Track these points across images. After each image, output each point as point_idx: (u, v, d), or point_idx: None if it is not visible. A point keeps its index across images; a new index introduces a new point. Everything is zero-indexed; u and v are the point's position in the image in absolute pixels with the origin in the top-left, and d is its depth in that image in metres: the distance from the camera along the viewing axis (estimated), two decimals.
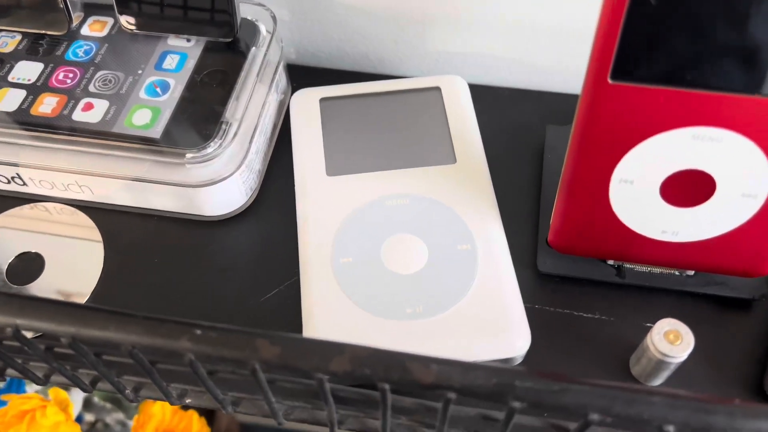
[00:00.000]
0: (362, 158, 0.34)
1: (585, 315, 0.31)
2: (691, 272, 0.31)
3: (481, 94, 0.37)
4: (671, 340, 0.27)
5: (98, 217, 0.34)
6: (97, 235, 0.34)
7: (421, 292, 0.29)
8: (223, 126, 0.31)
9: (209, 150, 0.31)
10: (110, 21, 0.36)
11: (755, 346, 0.30)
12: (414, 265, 0.30)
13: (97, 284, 0.32)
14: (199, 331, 0.22)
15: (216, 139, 0.31)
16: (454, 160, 0.33)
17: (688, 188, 0.27)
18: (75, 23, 0.35)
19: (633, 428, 0.25)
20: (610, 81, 0.24)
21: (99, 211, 0.34)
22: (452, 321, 0.29)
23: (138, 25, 0.35)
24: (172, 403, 0.27)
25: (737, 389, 0.29)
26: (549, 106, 0.38)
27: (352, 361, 0.22)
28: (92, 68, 0.34)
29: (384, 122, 0.35)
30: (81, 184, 0.33)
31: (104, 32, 0.35)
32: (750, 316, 0.31)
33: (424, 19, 0.38)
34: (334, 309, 0.29)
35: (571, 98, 0.38)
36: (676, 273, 0.31)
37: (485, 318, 0.29)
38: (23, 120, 0.32)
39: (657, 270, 0.31)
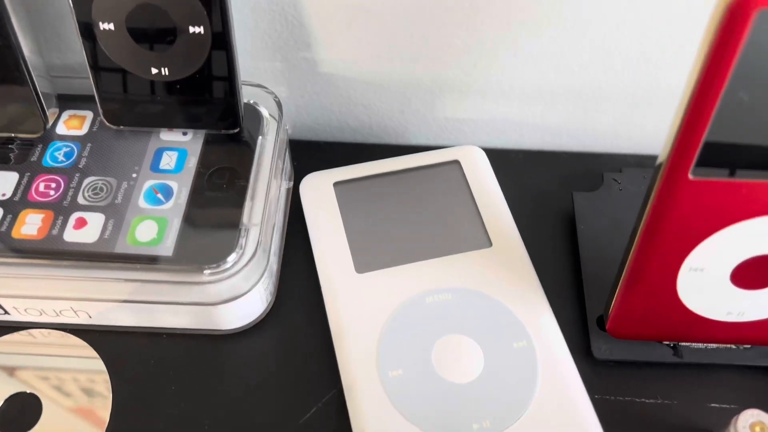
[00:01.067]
0: (391, 250, 0.31)
1: (647, 401, 0.30)
2: (749, 345, 0.30)
3: (496, 159, 0.35)
4: None
5: (95, 341, 0.30)
6: (99, 364, 0.30)
7: (484, 403, 0.27)
8: (242, 233, 0.28)
9: (230, 264, 0.27)
10: (89, 115, 0.32)
11: None
12: (471, 372, 0.28)
13: (109, 423, 0.28)
14: None
15: (237, 250, 0.27)
16: (490, 244, 0.31)
17: (760, 271, 0.26)
18: (50, 123, 0.31)
19: None
20: (691, 177, 0.23)
21: (96, 333, 0.30)
22: None
23: (124, 121, 0.31)
24: None
25: None
26: (567, 168, 0.36)
27: None
28: (77, 175, 0.30)
29: (405, 204, 0.33)
30: (77, 309, 0.29)
31: (84, 129, 0.31)
32: None
33: (432, 87, 0.35)
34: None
35: (587, 158, 0.37)
36: (733, 347, 0.30)
37: (557, 425, 0.27)
38: (5, 246, 0.27)
39: (713, 345, 0.30)
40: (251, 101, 0.32)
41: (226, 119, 0.30)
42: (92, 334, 0.30)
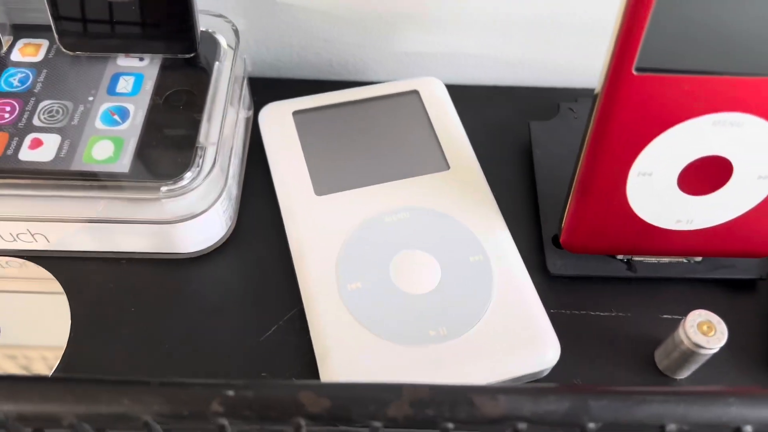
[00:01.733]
0: (350, 173, 0.31)
1: (602, 314, 0.30)
2: (699, 258, 0.31)
3: (455, 94, 0.36)
4: (705, 332, 0.26)
5: (55, 268, 0.30)
6: (57, 287, 0.29)
7: (441, 312, 0.27)
8: (199, 152, 0.28)
9: (186, 181, 0.27)
10: (45, 43, 0.31)
11: (764, 320, 0.30)
12: (428, 283, 0.28)
13: (67, 346, 0.28)
14: (231, 392, 0.19)
15: (193, 168, 0.28)
16: (448, 167, 0.32)
17: (706, 175, 0.27)
18: (3, 49, 0.31)
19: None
20: (634, 72, 0.23)
21: (55, 260, 0.30)
22: (479, 339, 0.27)
23: (81, 47, 0.31)
24: None
25: (756, 371, 0.29)
26: (525, 102, 0.37)
27: (412, 403, 0.20)
28: (32, 99, 0.30)
29: (365, 132, 0.33)
30: (34, 233, 0.29)
31: (39, 56, 0.31)
32: (758, 295, 0.31)
33: (390, 20, 0.35)
34: (352, 342, 0.27)
35: (544, 92, 0.38)
36: (685, 261, 0.31)
37: (512, 331, 0.27)
38: None
39: (665, 260, 0.31)
40: (209, 29, 0.32)
41: (182, 43, 0.30)
42: (51, 261, 0.30)
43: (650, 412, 0.20)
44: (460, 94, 0.36)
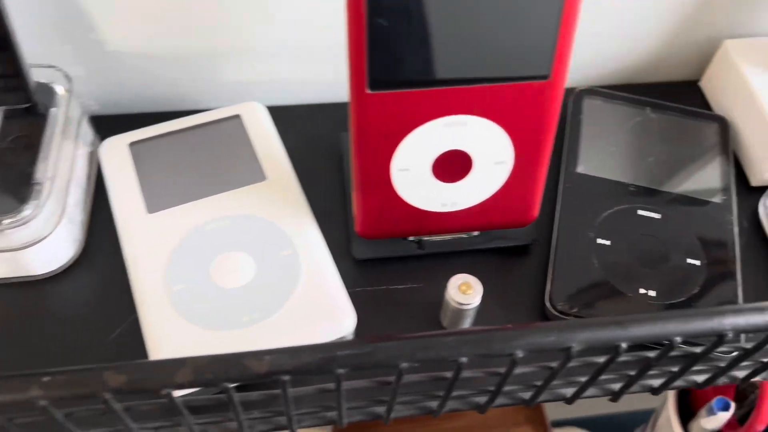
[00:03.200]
0: (179, 191, 0.37)
1: (399, 287, 0.36)
2: (477, 233, 0.37)
3: (281, 115, 0.41)
4: (464, 291, 0.32)
5: None
6: None
7: (254, 300, 0.33)
8: (36, 187, 0.33)
9: (26, 212, 0.32)
10: None
11: (535, 278, 0.37)
12: (244, 278, 0.34)
13: None
14: (46, 378, 0.24)
15: (31, 201, 0.32)
16: (264, 178, 0.37)
17: (453, 166, 0.33)
18: None
19: (439, 366, 0.30)
20: (368, 91, 0.29)
21: None
22: (287, 318, 0.33)
23: None
24: None
25: (529, 319, 0.36)
26: (340, 116, 0.43)
27: (194, 370, 0.25)
28: None
29: (193, 155, 0.38)
30: None
31: None
32: (530, 258, 0.38)
33: (213, 54, 0.41)
34: (176, 334, 0.32)
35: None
36: (465, 236, 0.37)
37: (315, 308, 0.33)
38: None
39: (449, 237, 0.37)
40: (49, 82, 0.37)
41: (17, 95, 0.35)
42: None
43: (386, 356, 0.26)
44: (285, 114, 0.42)
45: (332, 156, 0.41)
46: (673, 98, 0.43)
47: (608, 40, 0.44)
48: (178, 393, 0.29)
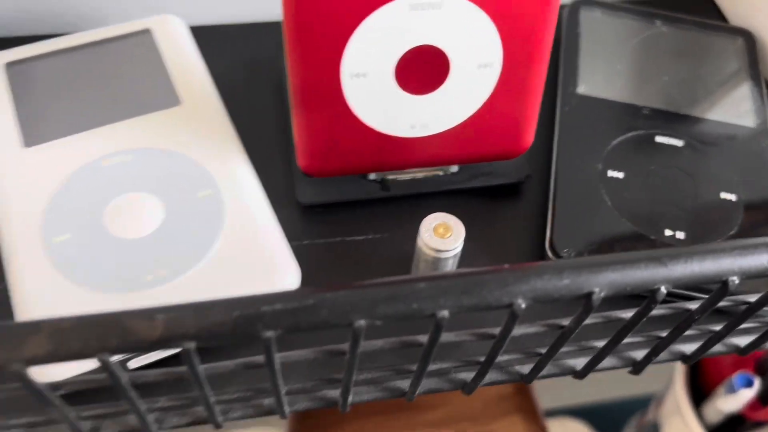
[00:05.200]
0: (66, 121, 0.28)
1: (357, 238, 0.28)
2: (455, 168, 0.29)
3: (207, 35, 0.33)
4: (441, 234, 0.24)
5: None
6: None
7: (161, 254, 0.25)
8: None
9: None
10: None
11: (530, 223, 0.29)
12: (148, 226, 0.25)
13: None
14: None
15: None
16: (178, 102, 0.29)
17: (424, 70, 0.25)
18: None
19: (411, 328, 0.22)
20: None
21: None
22: (206, 276, 0.24)
23: None
24: None
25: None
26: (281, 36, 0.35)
27: (52, 336, 0.17)
28: None
29: (89, 78, 0.30)
30: None
31: None
32: (521, 197, 0.30)
33: None
34: (55, 298, 0.23)
35: None
36: (441, 173, 0.29)
37: (244, 263, 0.25)
38: None
39: (421, 174, 0.29)
40: None
41: None
42: None
43: (334, 312, 0.18)
44: (212, 35, 0.34)
45: (271, 85, 0.33)
46: (683, 10, 0.36)
47: None
48: (45, 373, 0.21)
